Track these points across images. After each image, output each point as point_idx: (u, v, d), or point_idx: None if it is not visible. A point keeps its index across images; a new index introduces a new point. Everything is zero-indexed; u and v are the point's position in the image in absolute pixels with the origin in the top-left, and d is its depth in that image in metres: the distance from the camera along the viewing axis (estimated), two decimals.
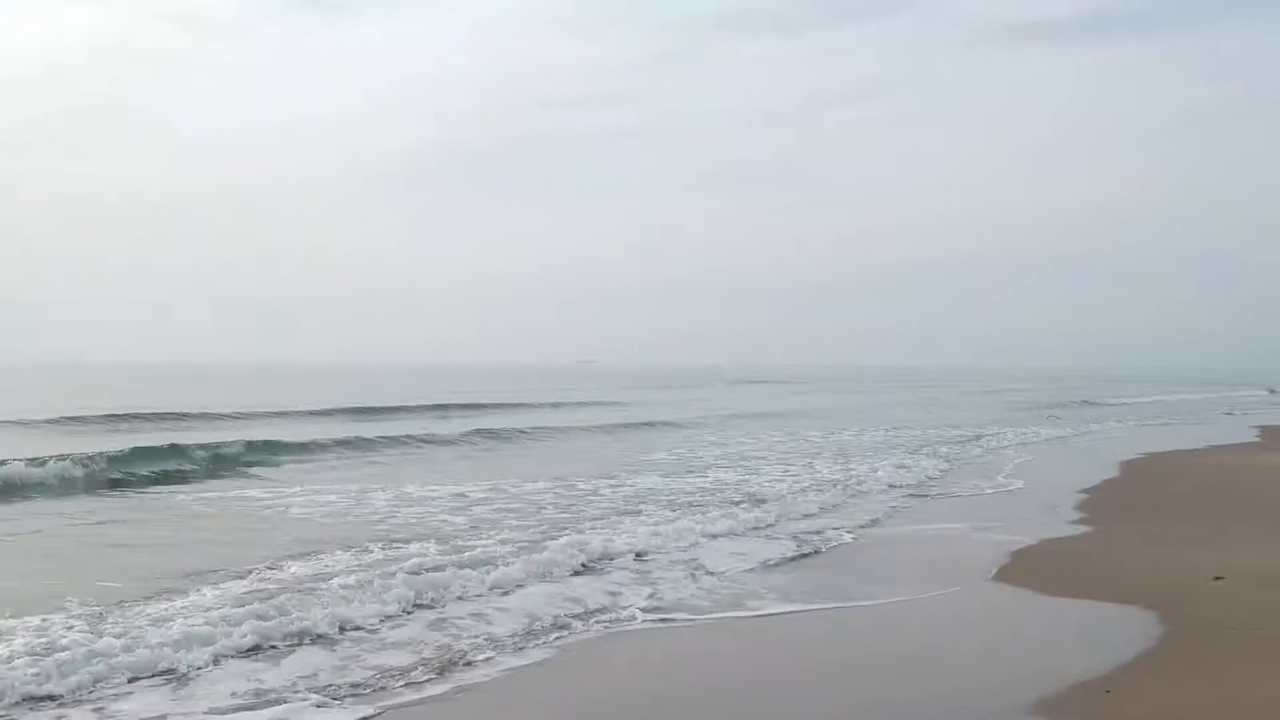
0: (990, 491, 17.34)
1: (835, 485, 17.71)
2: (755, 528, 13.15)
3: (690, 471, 19.99)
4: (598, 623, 8.60)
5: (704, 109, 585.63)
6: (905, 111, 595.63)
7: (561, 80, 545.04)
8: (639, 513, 14.31)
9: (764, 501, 15.41)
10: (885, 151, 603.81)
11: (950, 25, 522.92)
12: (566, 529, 12.74)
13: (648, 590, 9.71)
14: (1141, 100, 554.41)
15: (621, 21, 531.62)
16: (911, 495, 16.73)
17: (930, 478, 19.08)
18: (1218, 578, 9.57)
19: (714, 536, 12.44)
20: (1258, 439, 28.14)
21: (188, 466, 20.20)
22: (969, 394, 66.59)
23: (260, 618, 7.95)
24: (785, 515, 14.15)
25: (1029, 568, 10.74)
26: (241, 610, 8.14)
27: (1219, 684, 6.74)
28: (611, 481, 18.07)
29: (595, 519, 13.75)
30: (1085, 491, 16.96)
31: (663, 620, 8.76)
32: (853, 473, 19.56)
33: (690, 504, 15.25)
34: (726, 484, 17.94)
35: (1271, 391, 67.37)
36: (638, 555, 11.20)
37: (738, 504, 15.15)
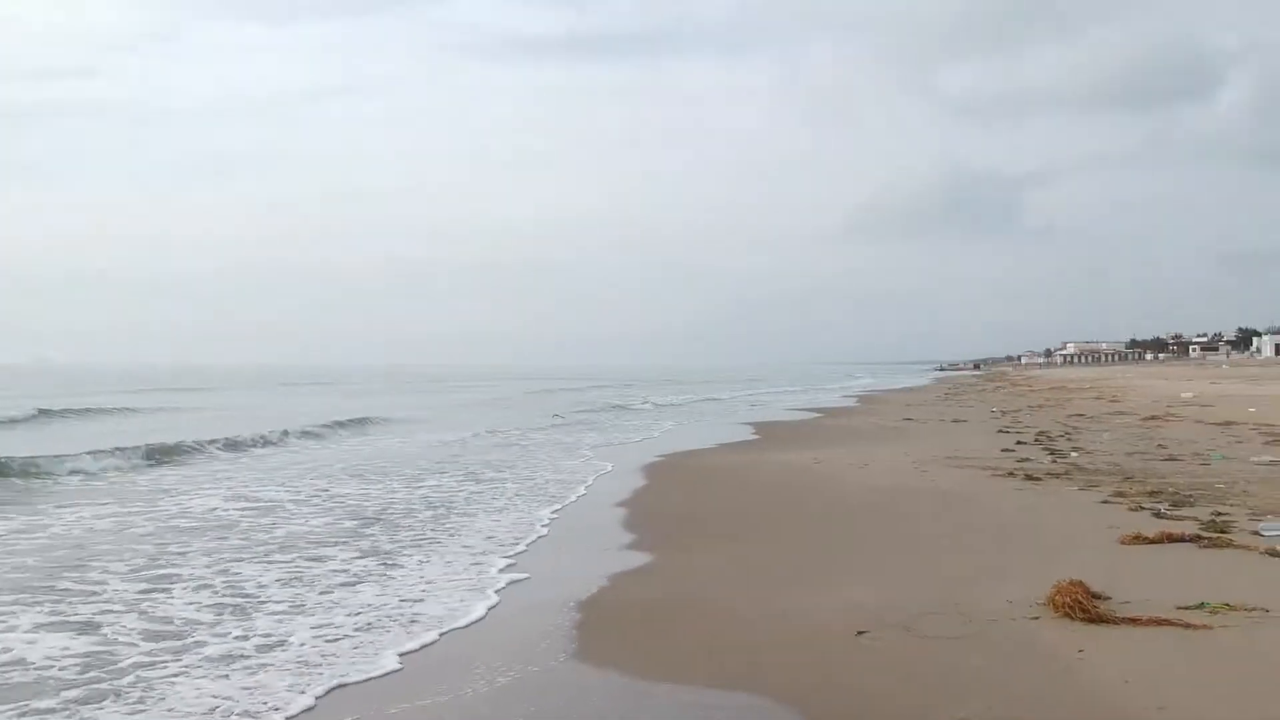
0: (531, 510, 14.63)
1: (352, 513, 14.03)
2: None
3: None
4: None
5: (182, 92, 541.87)
6: (393, 112, 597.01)
7: (15, 49, 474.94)
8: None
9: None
10: (373, 150, 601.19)
11: (445, 32, 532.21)
12: None
13: None
14: (611, 117, 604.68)
15: None
16: (453, 514, 13.51)
17: (471, 490, 16.01)
18: (860, 632, 7.40)
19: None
20: (755, 436, 28.51)
21: None
22: (472, 396, 65.14)
23: None
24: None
25: (609, 630, 7.93)
26: None
27: None
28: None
29: None
30: (622, 505, 14.93)
31: None
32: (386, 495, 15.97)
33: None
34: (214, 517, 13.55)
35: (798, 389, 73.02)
36: None
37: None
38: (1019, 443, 22.97)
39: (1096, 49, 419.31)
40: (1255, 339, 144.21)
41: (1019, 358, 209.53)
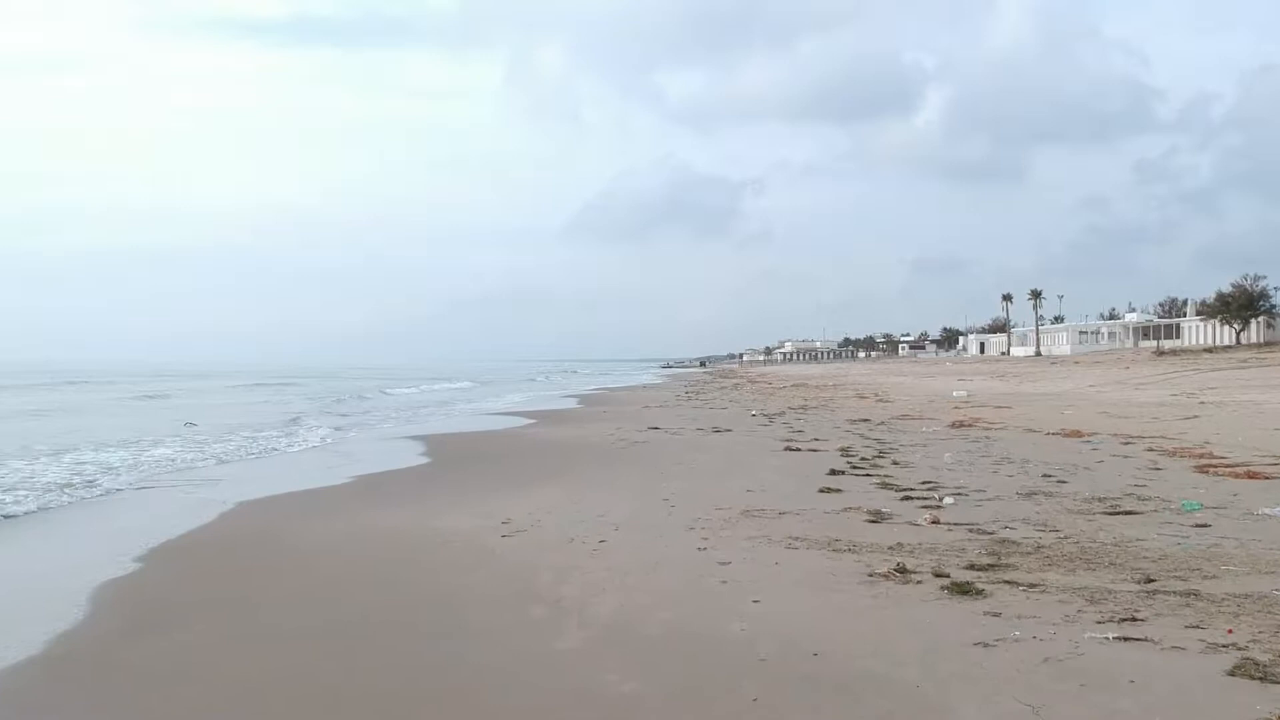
0: None
1: None
2: None
3: None
4: None
5: None
6: (98, 90, 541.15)
7: None
8: None
9: None
10: (77, 130, 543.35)
11: (162, 7, 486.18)
12: None
13: None
14: (334, 107, 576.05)
15: None
16: None
17: None
18: None
19: None
20: (423, 459, 18.50)
21: None
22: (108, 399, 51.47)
23: None
24: None
25: None
26: None
27: None
28: None
29: None
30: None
31: None
32: None
33: None
34: None
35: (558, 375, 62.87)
36: None
37: None
38: (833, 471, 14.42)
39: (806, 63, 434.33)
40: (961, 338, 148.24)
41: (741, 355, 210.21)
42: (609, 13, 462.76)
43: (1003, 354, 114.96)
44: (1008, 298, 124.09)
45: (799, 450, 18.02)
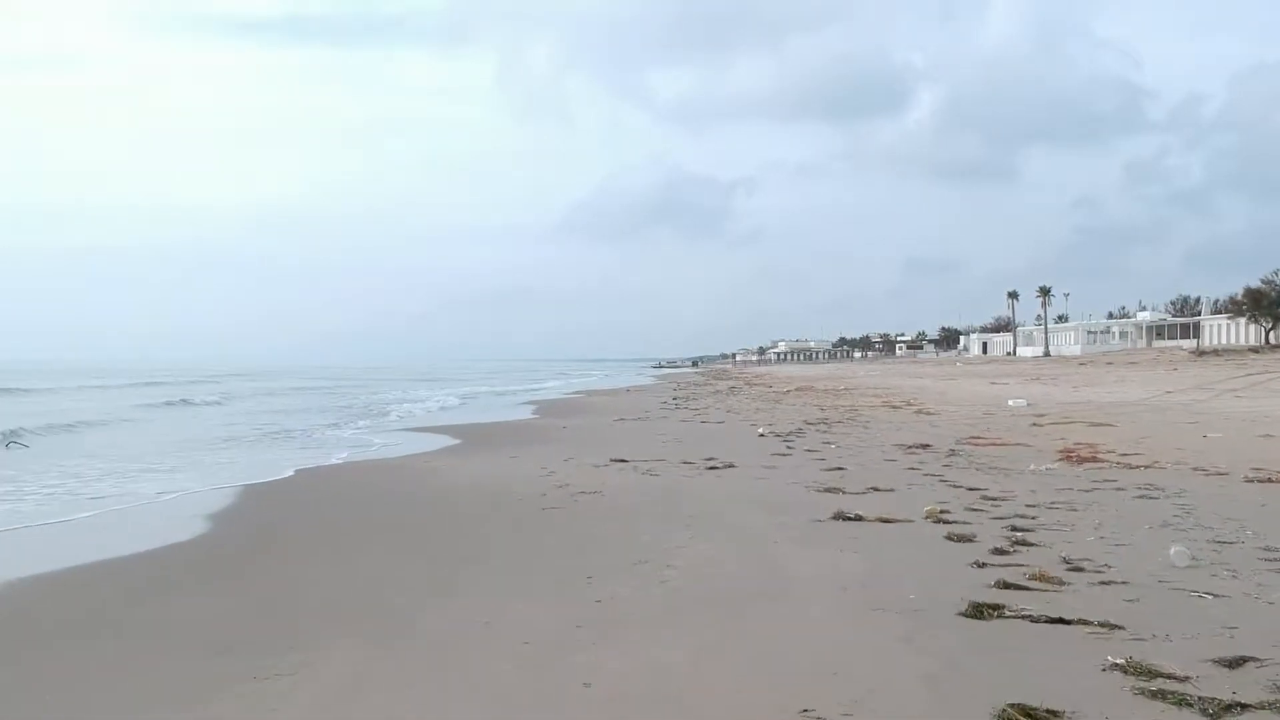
0: None
1: None
2: None
3: None
4: None
5: None
6: (95, 88, 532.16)
7: None
8: None
9: None
10: (71, 128, 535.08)
11: (154, 6, 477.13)
12: None
13: None
14: (329, 106, 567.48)
15: None
16: None
17: None
18: None
19: None
20: (206, 525, 10.62)
21: None
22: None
23: None
24: None
25: None
26: None
27: None
28: None
29: None
30: None
31: None
32: None
33: None
34: None
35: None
36: None
37: None
38: (976, 611, 6.57)
39: (797, 62, 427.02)
40: (962, 338, 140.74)
41: (734, 355, 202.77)
42: (598, 11, 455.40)
43: (1008, 354, 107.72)
44: (1013, 295, 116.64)
45: (859, 519, 10.19)
